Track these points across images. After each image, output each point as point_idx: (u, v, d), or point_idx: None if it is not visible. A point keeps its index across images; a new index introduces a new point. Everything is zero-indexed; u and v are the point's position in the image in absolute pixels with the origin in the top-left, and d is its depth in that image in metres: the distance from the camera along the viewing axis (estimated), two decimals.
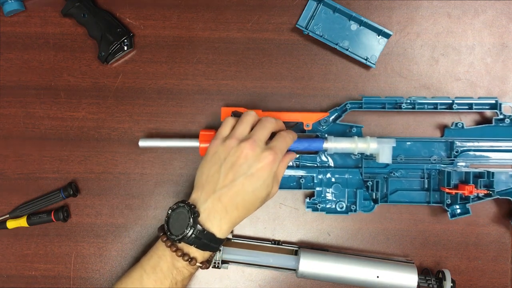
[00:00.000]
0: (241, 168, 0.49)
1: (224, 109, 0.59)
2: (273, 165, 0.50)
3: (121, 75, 0.63)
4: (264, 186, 0.50)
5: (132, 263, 0.62)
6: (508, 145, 0.60)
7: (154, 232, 0.63)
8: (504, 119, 0.59)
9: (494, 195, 0.58)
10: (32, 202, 0.62)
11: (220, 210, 0.49)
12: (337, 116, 0.61)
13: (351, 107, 0.60)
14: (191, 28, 0.63)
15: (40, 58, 0.63)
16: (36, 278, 0.63)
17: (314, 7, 0.61)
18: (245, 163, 0.49)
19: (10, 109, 0.63)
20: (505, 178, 0.59)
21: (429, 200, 0.60)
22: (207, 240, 0.49)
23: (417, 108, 0.59)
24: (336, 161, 0.61)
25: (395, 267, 0.57)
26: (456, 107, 0.59)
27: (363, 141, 0.56)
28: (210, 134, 0.57)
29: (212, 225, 0.49)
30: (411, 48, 0.63)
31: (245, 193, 0.49)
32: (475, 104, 0.60)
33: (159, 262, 0.50)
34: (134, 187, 0.63)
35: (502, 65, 0.63)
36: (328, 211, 0.60)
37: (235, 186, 0.49)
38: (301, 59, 0.63)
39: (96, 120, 0.63)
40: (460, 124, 0.60)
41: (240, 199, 0.49)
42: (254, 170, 0.49)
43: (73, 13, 0.61)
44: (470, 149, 0.60)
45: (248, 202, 0.50)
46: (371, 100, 0.60)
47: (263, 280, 0.63)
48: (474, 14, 0.63)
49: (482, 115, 0.62)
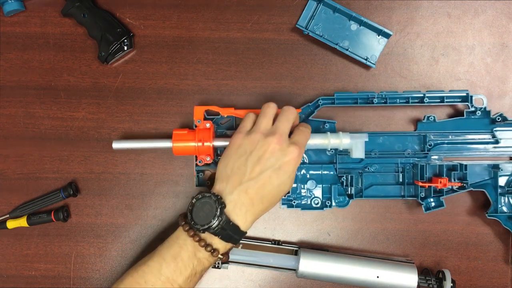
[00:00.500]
0: (268, 161, 0.50)
1: (197, 108, 0.59)
2: (298, 160, 0.51)
3: (121, 75, 0.63)
4: (289, 180, 0.51)
5: (132, 263, 0.62)
6: (480, 138, 0.60)
7: (154, 232, 0.63)
8: (476, 111, 0.59)
9: (468, 187, 0.58)
10: (32, 202, 0.62)
11: (246, 203, 0.50)
12: (310, 112, 0.61)
13: (324, 103, 0.60)
14: (191, 28, 0.63)
15: (40, 58, 0.63)
16: (36, 278, 0.63)
17: (314, 7, 0.61)
18: (272, 157, 0.50)
19: (10, 109, 0.63)
20: (479, 170, 0.60)
21: (404, 194, 0.60)
22: (232, 232, 0.49)
23: (389, 103, 0.60)
24: (311, 157, 0.61)
25: (395, 267, 0.57)
26: (428, 100, 0.59)
27: (335, 136, 0.56)
28: (183, 133, 0.57)
29: (237, 217, 0.49)
30: (411, 48, 0.63)
31: (271, 186, 0.50)
32: (446, 97, 0.60)
33: (180, 252, 0.50)
34: (134, 187, 0.63)
35: (502, 65, 0.63)
36: (304, 207, 0.60)
37: (262, 179, 0.50)
38: (301, 59, 0.63)
39: (96, 120, 0.63)
40: (432, 117, 0.60)
41: (266, 192, 0.50)
42: (281, 163, 0.50)
43: (73, 13, 0.61)
44: (444, 142, 0.60)
45: (272, 195, 0.51)
46: (343, 95, 0.60)
47: (263, 280, 0.63)
48: (474, 14, 0.63)
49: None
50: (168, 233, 0.53)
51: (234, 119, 0.61)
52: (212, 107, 0.60)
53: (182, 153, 0.57)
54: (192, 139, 0.56)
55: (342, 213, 0.63)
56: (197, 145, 0.56)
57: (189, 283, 0.50)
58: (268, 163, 0.50)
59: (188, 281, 0.50)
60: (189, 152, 0.57)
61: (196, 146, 0.56)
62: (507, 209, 0.59)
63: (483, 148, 0.60)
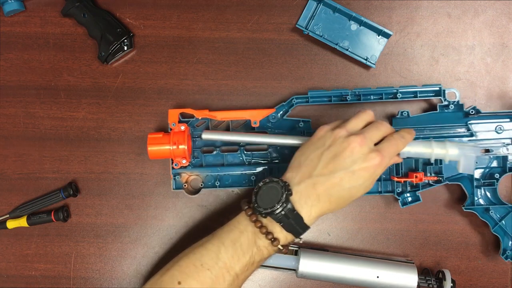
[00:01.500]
0: (344, 161, 0.47)
1: (171, 111, 0.59)
2: (378, 169, 0.48)
3: (121, 75, 0.63)
4: (362, 187, 0.48)
5: (132, 263, 0.62)
6: (455, 131, 0.60)
7: (154, 232, 0.63)
8: (449, 105, 0.59)
9: (444, 181, 0.59)
10: (32, 202, 0.62)
11: (313, 197, 0.47)
12: (285, 111, 0.61)
13: (298, 102, 0.60)
14: (191, 28, 0.63)
15: (40, 58, 0.63)
16: (36, 278, 0.63)
17: (314, 7, 0.61)
18: (349, 158, 0.47)
19: (10, 109, 0.63)
20: (454, 163, 0.59)
21: (380, 190, 0.60)
22: (295, 222, 0.47)
23: (363, 99, 0.59)
24: (285, 155, 0.61)
25: (395, 267, 0.57)
26: (401, 96, 0.59)
27: (441, 146, 0.52)
28: (158, 137, 0.57)
29: (302, 208, 0.47)
30: (411, 48, 0.63)
31: (341, 188, 0.47)
32: (419, 92, 0.60)
33: (240, 237, 0.48)
34: (134, 187, 0.63)
35: (502, 65, 0.63)
36: None
37: (333, 178, 0.47)
38: (301, 59, 0.63)
39: (96, 120, 0.63)
40: (405, 112, 0.60)
41: (335, 193, 0.47)
42: (356, 167, 0.47)
43: (73, 13, 0.61)
44: (419, 137, 0.60)
45: (341, 197, 0.48)
46: (317, 93, 0.60)
47: (263, 280, 0.63)
48: (474, 14, 0.63)
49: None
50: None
51: (209, 121, 0.61)
52: (186, 109, 0.60)
53: (158, 157, 0.57)
54: (167, 142, 0.56)
55: (342, 213, 0.63)
56: (172, 148, 0.56)
57: (246, 271, 0.48)
58: (343, 163, 0.47)
59: (245, 269, 0.48)
60: (164, 156, 0.57)
61: (171, 149, 0.56)
62: (483, 202, 0.59)
63: (458, 141, 0.60)
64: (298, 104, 0.61)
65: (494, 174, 0.59)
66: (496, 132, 0.59)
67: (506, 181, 0.62)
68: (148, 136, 0.57)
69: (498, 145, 0.59)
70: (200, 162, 0.61)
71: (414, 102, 0.62)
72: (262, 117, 0.60)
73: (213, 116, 0.60)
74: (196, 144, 0.61)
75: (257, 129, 0.60)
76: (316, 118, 0.62)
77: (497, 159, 0.60)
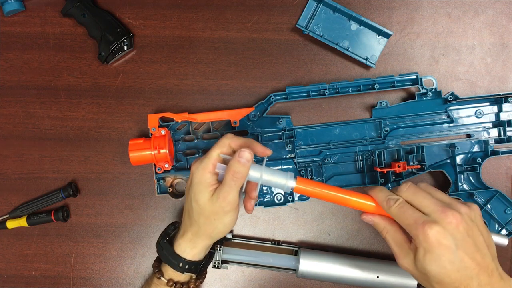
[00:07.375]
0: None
1: (151, 116, 0.59)
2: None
3: (121, 75, 0.63)
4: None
5: (132, 263, 0.62)
6: (435, 118, 0.60)
7: (154, 232, 0.63)
8: (427, 93, 0.59)
9: (427, 168, 0.59)
10: (32, 202, 0.62)
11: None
12: (264, 109, 0.61)
13: (277, 99, 0.60)
14: (191, 28, 0.63)
15: (40, 58, 0.63)
16: (36, 278, 0.63)
17: (314, 7, 0.61)
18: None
19: (10, 109, 0.63)
20: (436, 150, 0.60)
21: (365, 181, 0.60)
22: (167, 252, 0.51)
23: (341, 92, 0.60)
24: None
25: (395, 267, 0.57)
26: (378, 86, 0.59)
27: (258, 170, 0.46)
28: (139, 142, 0.57)
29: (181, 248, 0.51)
30: (411, 48, 0.63)
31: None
32: (397, 81, 0.60)
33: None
34: (134, 187, 0.63)
35: (502, 65, 0.63)
36: (267, 204, 0.60)
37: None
38: (301, 59, 0.63)
39: (96, 120, 0.63)
40: (384, 103, 0.60)
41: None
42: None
43: (73, 13, 0.61)
44: (400, 127, 0.60)
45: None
46: (295, 89, 0.60)
47: (263, 280, 0.63)
48: (474, 14, 0.63)
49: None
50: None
51: (190, 123, 0.61)
52: (166, 113, 0.60)
53: (140, 162, 0.57)
54: (148, 148, 0.57)
55: (342, 213, 0.63)
56: (154, 153, 0.56)
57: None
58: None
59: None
60: (147, 161, 0.57)
61: (153, 154, 0.56)
62: (467, 187, 0.60)
63: (439, 128, 0.61)
64: (277, 101, 0.60)
65: (476, 159, 0.59)
66: (476, 116, 0.60)
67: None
68: (129, 142, 0.57)
69: (479, 129, 0.60)
70: (183, 165, 0.61)
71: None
72: (241, 117, 0.60)
73: (193, 119, 0.60)
74: (179, 147, 0.61)
75: (237, 129, 0.60)
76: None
77: (478, 143, 0.60)
